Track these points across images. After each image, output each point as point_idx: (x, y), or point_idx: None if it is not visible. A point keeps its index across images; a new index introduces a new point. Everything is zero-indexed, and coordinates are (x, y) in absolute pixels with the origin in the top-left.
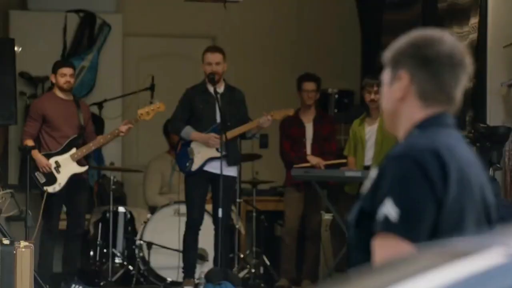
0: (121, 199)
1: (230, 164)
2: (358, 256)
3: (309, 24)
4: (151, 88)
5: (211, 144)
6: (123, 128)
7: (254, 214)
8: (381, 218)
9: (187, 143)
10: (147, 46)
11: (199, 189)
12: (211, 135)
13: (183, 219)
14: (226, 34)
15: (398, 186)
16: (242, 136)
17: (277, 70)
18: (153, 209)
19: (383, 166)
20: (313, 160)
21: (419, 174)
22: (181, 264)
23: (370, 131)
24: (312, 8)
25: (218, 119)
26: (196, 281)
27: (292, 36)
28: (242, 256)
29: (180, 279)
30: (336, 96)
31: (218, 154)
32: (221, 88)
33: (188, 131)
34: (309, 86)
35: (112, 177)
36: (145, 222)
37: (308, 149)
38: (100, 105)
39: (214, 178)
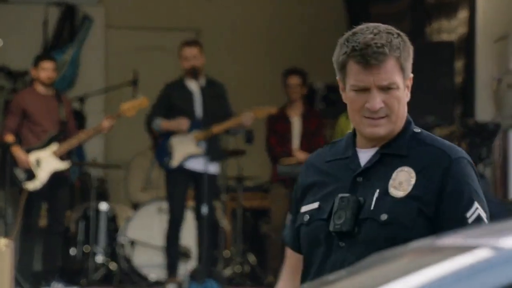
0: (103, 196)
1: (211, 160)
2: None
3: (295, 18)
4: (134, 82)
5: (183, 129)
6: (106, 124)
7: (239, 211)
8: (475, 221)
9: (167, 138)
10: (130, 40)
11: (180, 186)
12: (180, 120)
13: (166, 217)
14: (211, 27)
15: (478, 189)
16: (225, 131)
17: (263, 64)
18: (136, 206)
19: (450, 167)
20: (301, 155)
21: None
22: (165, 262)
23: None
24: (298, 1)
25: (197, 114)
26: (180, 279)
27: (278, 29)
28: (227, 253)
29: (164, 278)
30: (323, 91)
31: (198, 151)
32: (201, 82)
33: (158, 123)
34: (294, 80)
35: (94, 174)
36: (128, 220)
37: (295, 144)
38: (82, 99)
39: (195, 175)
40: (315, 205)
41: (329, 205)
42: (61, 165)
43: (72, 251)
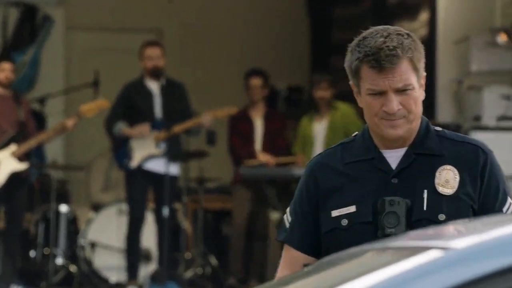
0: (63, 198)
1: (171, 161)
2: None
3: (257, 19)
4: (95, 83)
5: (144, 136)
6: (70, 122)
7: (201, 212)
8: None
9: (126, 139)
10: (91, 40)
11: (140, 188)
12: (142, 127)
13: (127, 218)
14: (172, 28)
15: (506, 182)
16: (185, 132)
17: (224, 65)
18: (96, 208)
19: (486, 162)
20: (263, 157)
21: None
22: (125, 264)
23: (319, 128)
24: (260, 2)
25: (157, 115)
26: (141, 282)
27: (240, 30)
28: (188, 255)
29: (124, 280)
30: (285, 92)
31: (158, 151)
32: (161, 83)
33: (119, 127)
34: (255, 82)
35: (54, 176)
36: (88, 222)
37: (258, 146)
38: (42, 101)
39: (155, 177)
40: (352, 208)
41: (369, 208)
42: (20, 166)
43: (32, 253)
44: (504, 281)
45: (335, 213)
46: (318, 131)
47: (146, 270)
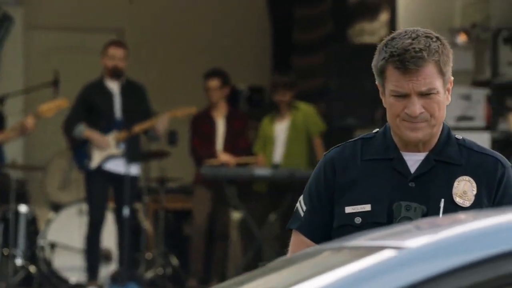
0: (23, 198)
1: (130, 161)
2: None
3: (219, 19)
4: (55, 83)
5: (102, 147)
6: (29, 122)
7: (162, 212)
8: None
9: (86, 140)
10: (51, 40)
11: (100, 188)
12: (103, 140)
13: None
14: (133, 28)
15: None
16: (145, 133)
17: (186, 65)
18: (56, 208)
19: (504, 176)
20: (224, 157)
21: None
22: (85, 265)
23: (279, 129)
24: (221, 2)
25: (117, 115)
26: (101, 282)
27: (202, 30)
28: (149, 255)
29: (84, 281)
30: (247, 92)
31: (117, 151)
32: (121, 83)
33: (81, 129)
34: (213, 83)
35: (13, 176)
36: (48, 222)
37: (219, 146)
38: (1, 100)
39: (114, 177)
40: (367, 207)
41: (384, 209)
42: None
43: None
44: (456, 280)
45: (349, 209)
46: (279, 132)
47: (106, 271)
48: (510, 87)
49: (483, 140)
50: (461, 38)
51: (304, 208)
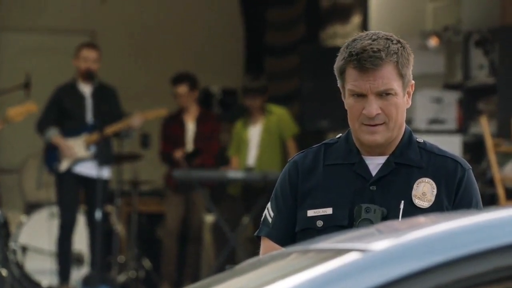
0: None
1: (100, 164)
2: None
3: (191, 21)
4: (26, 85)
5: (68, 156)
6: None
7: (134, 215)
8: None
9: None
10: (22, 42)
11: (70, 191)
12: (71, 150)
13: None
14: (105, 30)
15: (480, 199)
16: (117, 135)
17: (158, 67)
18: (29, 211)
19: (463, 178)
20: (177, 154)
21: None
22: (57, 268)
23: (253, 132)
24: (194, 3)
25: (88, 118)
26: (72, 285)
27: (173, 32)
28: (122, 258)
29: (56, 284)
30: (219, 95)
31: (87, 154)
32: (93, 86)
33: (50, 135)
34: (181, 89)
35: None
36: (20, 225)
37: (190, 148)
38: None
39: (85, 180)
40: (328, 210)
41: (345, 212)
42: None
43: None
44: (421, 282)
45: (311, 212)
46: (253, 135)
47: (78, 274)
48: (482, 90)
49: (454, 143)
50: (433, 41)
51: (272, 214)
